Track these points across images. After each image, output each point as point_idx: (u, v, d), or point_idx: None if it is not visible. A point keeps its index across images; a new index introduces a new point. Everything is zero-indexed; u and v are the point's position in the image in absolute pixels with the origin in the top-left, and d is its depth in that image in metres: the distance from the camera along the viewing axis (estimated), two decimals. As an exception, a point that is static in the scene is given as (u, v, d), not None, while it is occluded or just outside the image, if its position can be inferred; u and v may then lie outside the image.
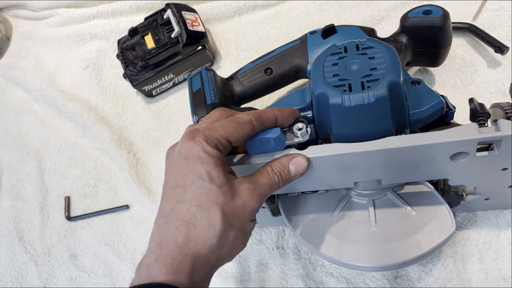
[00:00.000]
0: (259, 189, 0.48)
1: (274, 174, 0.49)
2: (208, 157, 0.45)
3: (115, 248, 0.83)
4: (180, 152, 0.47)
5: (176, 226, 0.44)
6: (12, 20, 1.20)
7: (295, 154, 0.51)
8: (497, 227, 0.66)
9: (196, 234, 0.44)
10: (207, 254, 0.44)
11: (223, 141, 0.47)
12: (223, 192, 0.45)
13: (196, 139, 0.46)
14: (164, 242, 0.44)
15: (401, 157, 0.50)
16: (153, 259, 0.43)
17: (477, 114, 0.53)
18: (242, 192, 0.47)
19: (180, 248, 0.43)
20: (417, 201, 0.60)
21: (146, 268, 0.43)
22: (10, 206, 0.94)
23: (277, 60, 0.72)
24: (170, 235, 0.44)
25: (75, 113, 0.96)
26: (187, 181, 0.46)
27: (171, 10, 0.90)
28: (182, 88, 0.95)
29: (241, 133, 0.48)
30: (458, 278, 0.65)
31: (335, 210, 0.62)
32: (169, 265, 0.42)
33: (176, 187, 0.46)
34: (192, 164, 0.46)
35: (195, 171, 0.45)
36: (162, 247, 0.44)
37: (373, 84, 0.50)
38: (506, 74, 0.75)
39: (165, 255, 0.43)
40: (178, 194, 0.46)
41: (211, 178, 0.45)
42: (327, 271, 0.70)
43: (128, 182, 0.87)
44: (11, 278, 0.86)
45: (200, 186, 0.45)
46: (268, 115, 0.51)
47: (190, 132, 0.47)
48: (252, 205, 0.47)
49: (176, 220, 0.45)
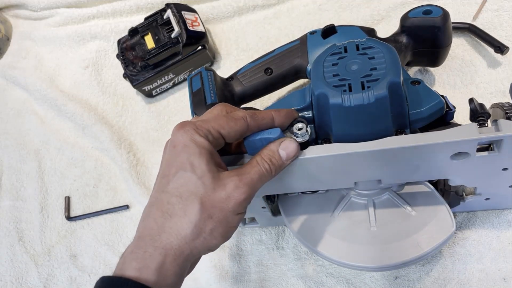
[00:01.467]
0: (246, 180, 0.47)
1: (264, 161, 0.49)
2: (194, 146, 0.45)
3: (115, 248, 0.83)
4: (171, 141, 0.48)
5: (155, 217, 0.45)
6: (12, 20, 1.20)
7: (282, 138, 0.51)
8: (497, 227, 0.66)
9: (171, 225, 0.44)
10: (180, 245, 0.44)
11: (213, 132, 0.47)
12: (203, 183, 0.45)
13: (185, 128, 0.46)
14: (142, 233, 0.45)
15: (401, 157, 0.50)
16: (130, 250, 0.44)
17: (477, 114, 0.53)
18: (227, 184, 0.46)
19: (153, 241, 0.44)
20: (417, 201, 0.60)
21: (123, 258, 0.45)
22: (10, 206, 0.94)
23: (277, 60, 0.72)
24: (149, 227, 0.45)
25: (75, 113, 0.96)
26: (171, 171, 0.46)
27: (171, 10, 0.90)
28: (182, 88, 0.95)
29: (234, 127, 0.48)
30: (458, 278, 0.65)
31: (335, 210, 0.62)
32: (140, 258, 0.43)
33: (162, 177, 0.47)
34: (178, 153, 0.46)
35: (179, 161, 0.46)
36: (139, 239, 0.45)
37: (373, 84, 0.50)
38: (506, 74, 0.75)
39: (140, 247, 0.44)
40: (163, 184, 0.47)
41: (193, 168, 0.45)
42: (327, 271, 0.70)
43: (128, 182, 0.87)
44: (11, 278, 0.86)
45: (181, 176, 0.45)
46: (264, 114, 0.51)
47: (182, 122, 0.48)
48: (237, 197, 0.46)
49: (156, 210, 0.46)
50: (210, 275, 0.74)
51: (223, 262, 0.75)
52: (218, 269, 0.75)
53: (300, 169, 0.53)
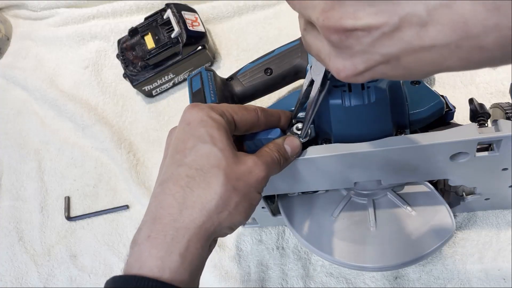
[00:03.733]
0: (262, 159, 0.45)
1: (272, 151, 0.48)
2: (212, 121, 0.44)
3: (115, 248, 0.83)
4: (183, 119, 0.45)
5: (173, 192, 0.42)
6: (12, 20, 1.20)
7: (286, 135, 0.51)
8: (497, 227, 0.66)
9: (193, 199, 0.41)
10: (204, 221, 0.41)
11: (228, 114, 0.46)
12: (225, 155, 0.43)
13: (200, 106, 0.45)
14: (158, 214, 0.42)
15: (401, 157, 0.50)
16: (146, 235, 0.41)
17: (477, 114, 0.53)
18: (247, 160, 0.44)
19: (174, 221, 0.41)
20: (417, 201, 0.60)
21: (138, 246, 0.41)
22: (10, 206, 0.94)
23: (277, 60, 0.72)
24: (166, 205, 0.42)
25: (75, 113, 0.96)
26: (187, 145, 0.43)
27: (171, 10, 0.90)
28: (182, 88, 0.95)
29: (246, 116, 0.48)
30: (458, 278, 0.65)
31: (335, 210, 0.62)
32: (160, 244, 0.40)
33: (176, 153, 0.44)
34: (194, 128, 0.44)
35: (197, 134, 0.43)
36: (156, 221, 0.41)
37: (373, 84, 0.50)
38: (506, 74, 0.75)
39: (158, 231, 0.41)
40: (177, 159, 0.43)
41: (213, 140, 0.43)
42: (327, 271, 0.70)
43: (128, 182, 0.87)
44: (11, 278, 0.86)
45: (200, 148, 0.43)
46: (273, 112, 0.51)
47: (193, 103, 0.46)
48: (258, 173, 0.44)
49: (173, 185, 0.42)
50: (210, 275, 0.74)
51: (223, 262, 0.75)
52: (218, 269, 0.75)
53: (300, 169, 0.53)
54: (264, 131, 0.51)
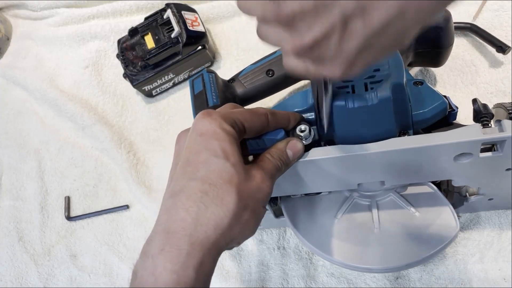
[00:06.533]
0: (268, 173, 0.46)
1: (274, 159, 0.48)
2: (225, 134, 0.44)
3: (115, 248, 0.83)
4: (195, 129, 0.45)
5: (186, 207, 0.42)
6: (12, 20, 1.19)
7: (289, 138, 0.51)
8: (499, 227, 0.66)
9: (207, 216, 0.41)
10: (217, 238, 0.41)
11: (239, 123, 0.46)
12: (238, 171, 0.43)
13: (213, 116, 0.45)
14: (172, 228, 0.41)
15: (404, 158, 0.50)
16: (159, 249, 0.41)
17: (481, 114, 0.53)
18: (255, 175, 0.45)
19: (189, 236, 0.40)
20: (421, 202, 0.60)
21: (151, 259, 0.41)
22: (10, 206, 0.93)
23: (279, 62, 0.72)
24: (179, 218, 0.41)
25: (75, 113, 0.96)
26: (200, 158, 0.43)
27: (171, 10, 0.90)
28: (182, 88, 0.95)
29: (256, 122, 0.48)
30: (459, 278, 0.65)
31: (338, 212, 0.62)
32: (176, 258, 0.40)
33: (187, 165, 0.44)
34: (207, 140, 0.44)
35: (210, 148, 0.43)
36: (169, 235, 0.41)
37: (376, 85, 0.50)
38: (507, 74, 0.75)
39: (172, 244, 0.40)
40: (189, 172, 0.43)
41: (226, 155, 0.43)
42: (328, 271, 0.70)
43: (128, 182, 0.87)
44: (11, 278, 0.86)
45: (213, 163, 0.43)
46: (283, 114, 0.51)
47: (206, 111, 0.46)
48: (265, 189, 0.45)
49: (186, 200, 0.42)
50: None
51: (224, 262, 0.75)
52: (219, 269, 0.75)
53: (303, 171, 0.53)
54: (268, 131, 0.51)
